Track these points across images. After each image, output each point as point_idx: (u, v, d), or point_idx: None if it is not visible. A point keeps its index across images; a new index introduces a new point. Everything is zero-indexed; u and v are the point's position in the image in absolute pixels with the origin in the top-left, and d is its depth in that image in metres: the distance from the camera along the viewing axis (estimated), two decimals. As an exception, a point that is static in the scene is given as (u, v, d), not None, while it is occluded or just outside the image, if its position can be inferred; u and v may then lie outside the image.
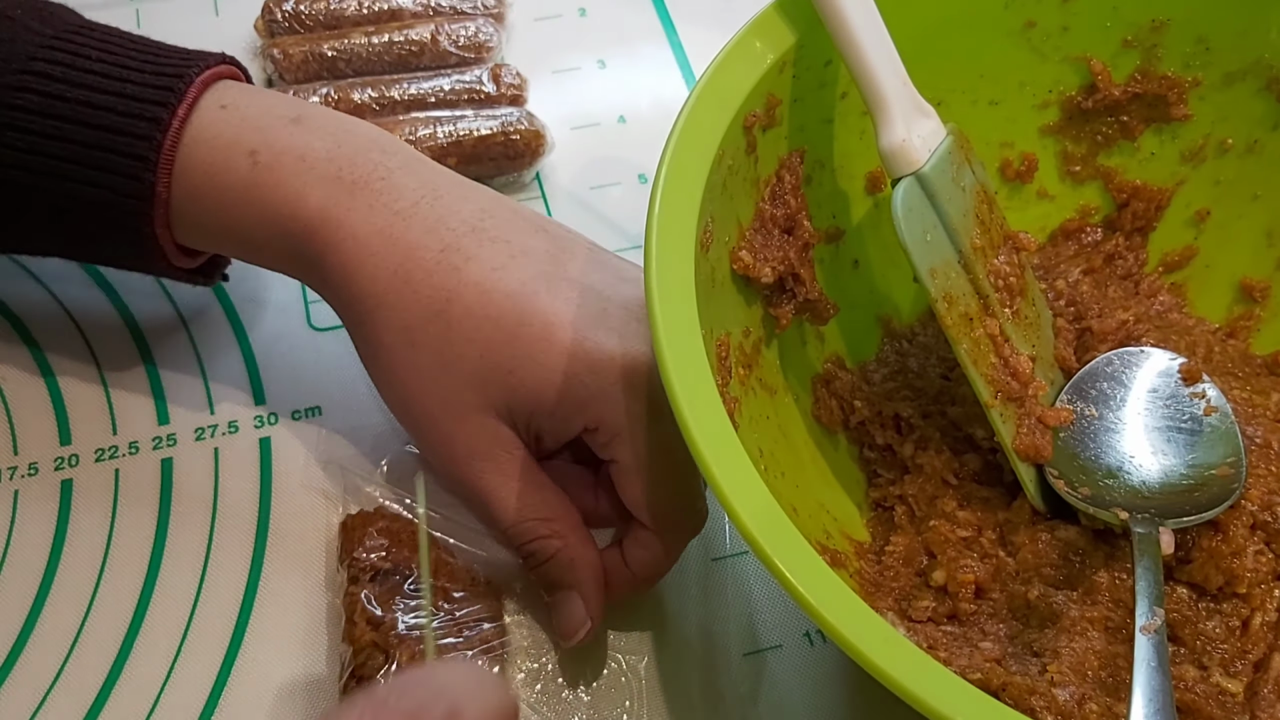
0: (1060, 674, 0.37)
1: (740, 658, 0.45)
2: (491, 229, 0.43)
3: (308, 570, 0.46)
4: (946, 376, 0.47)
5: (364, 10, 0.61)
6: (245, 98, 0.45)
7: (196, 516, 0.47)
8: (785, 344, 0.46)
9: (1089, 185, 0.51)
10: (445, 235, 0.42)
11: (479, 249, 0.42)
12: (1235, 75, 0.48)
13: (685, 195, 0.38)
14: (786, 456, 0.43)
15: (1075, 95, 0.49)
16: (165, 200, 0.43)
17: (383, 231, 0.42)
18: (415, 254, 0.42)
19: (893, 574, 0.43)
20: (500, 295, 0.41)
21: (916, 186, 0.41)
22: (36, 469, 0.48)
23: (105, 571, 0.46)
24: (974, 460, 0.45)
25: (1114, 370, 0.45)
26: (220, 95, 0.45)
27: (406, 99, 0.57)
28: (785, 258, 0.43)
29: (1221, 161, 0.49)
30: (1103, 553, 0.42)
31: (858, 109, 0.45)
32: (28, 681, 0.43)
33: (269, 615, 0.45)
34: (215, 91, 0.45)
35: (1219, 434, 0.43)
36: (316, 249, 0.43)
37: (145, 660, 0.44)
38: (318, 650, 0.44)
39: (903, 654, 0.30)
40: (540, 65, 0.63)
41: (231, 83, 0.46)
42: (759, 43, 0.42)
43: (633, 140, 0.61)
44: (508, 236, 0.43)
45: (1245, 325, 0.49)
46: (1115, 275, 0.50)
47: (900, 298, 0.50)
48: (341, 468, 0.48)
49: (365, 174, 0.43)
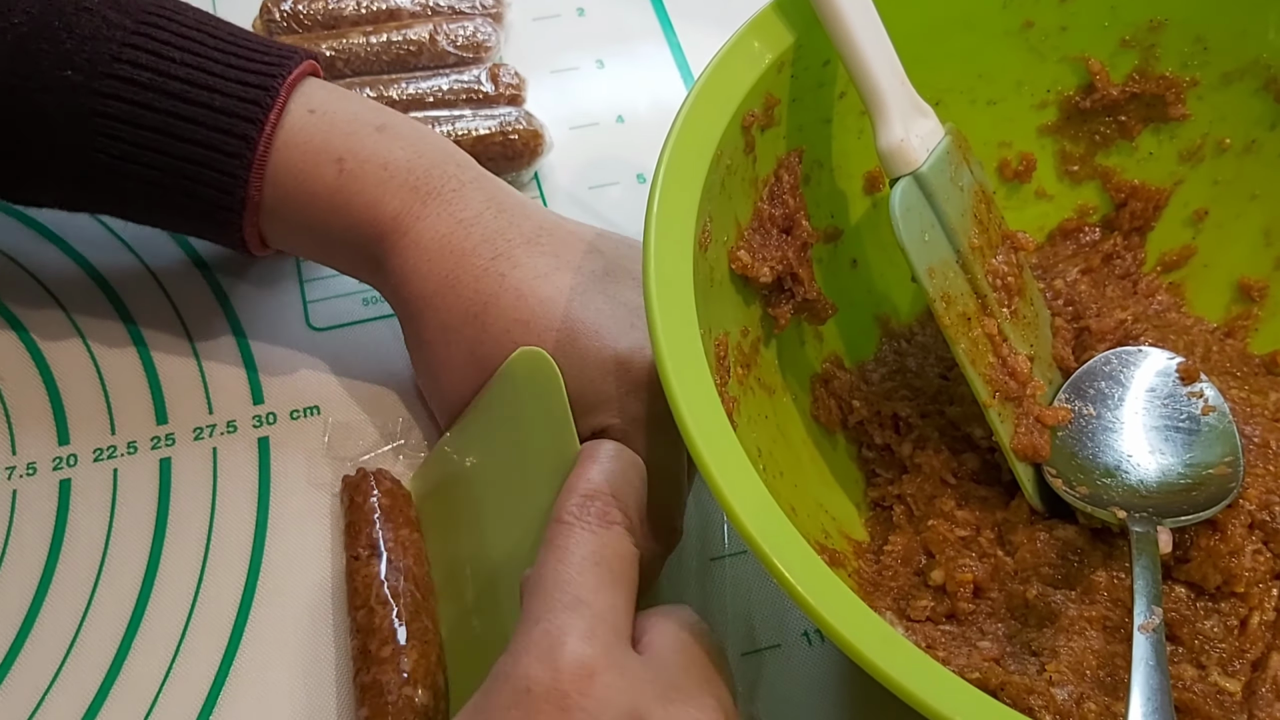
0: (1058, 673, 0.37)
1: (739, 657, 0.45)
2: (546, 243, 0.44)
3: (306, 569, 0.46)
4: (945, 376, 0.47)
5: (362, 10, 0.61)
6: (332, 101, 0.46)
7: (195, 516, 0.48)
8: (784, 343, 0.46)
9: (1087, 185, 0.51)
10: (500, 245, 0.44)
11: (528, 258, 0.43)
12: (1233, 75, 0.48)
13: (683, 195, 0.38)
14: (785, 456, 0.43)
15: (1073, 95, 0.49)
16: (256, 204, 0.45)
17: (444, 238, 0.44)
18: (467, 260, 0.43)
19: (891, 573, 0.43)
20: (535, 300, 0.43)
21: (914, 186, 0.41)
22: (35, 469, 0.48)
23: (104, 571, 0.46)
24: (972, 460, 0.45)
25: (1112, 369, 0.45)
26: (308, 98, 0.46)
27: (405, 99, 0.57)
28: (783, 257, 0.43)
29: (1219, 161, 0.49)
30: (1101, 552, 0.42)
31: (856, 109, 0.45)
32: (26, 681, 0.43)
33: (267, 614, 0.45)
34: (302, 94, 0.46)
35: (1217, 433, 0.43)
36: (383, 251, 0.45)
37: (143, 660, 0.44)
38: (317, 649, 0.44)
39: (901, 653, 0.30)
40: (539, 65, 0.63)
41: (316, 81, 0.47)
42: (757, 42, 0.42)
43: (631, 140, 0.61)
44: (558, 251, 0.44)
45: (1243, 325, 0.49)
46: (1113, 275, 0.50)
47: (899, 297, 0.50)
48: (341, 466, 0.48)
49: (439, 185, 0.45)
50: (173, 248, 0.55)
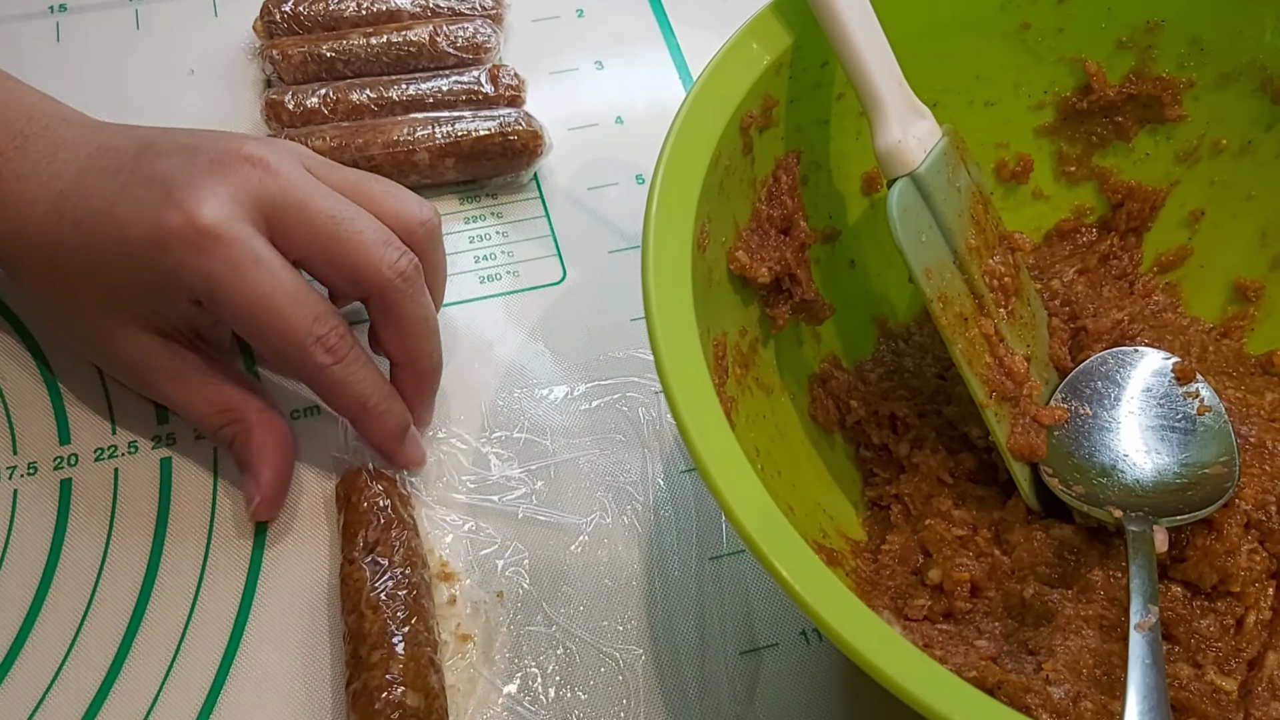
0: (1055, 672, 0.37)
1: (736, 656, 0.45)
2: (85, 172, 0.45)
3: (306, 570, 0.46)
4: (942, 376, 0.48)
5: (362, 11, 0.61)
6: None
7: (195, 516, 0.48)
8: (782, 343, 0.46)
9: (1084, 186, 0.51)
10: (54, 184, 0.45)
11: (77, 187, 0.44)
12: (1229, 76, 0.48)
13: (682, 196, 0.38)
14: (783, 455, 0.43)
15: (1070, 96, 0.49)
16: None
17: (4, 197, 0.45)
18: (26, 212, 0.45)
19: (889, 573, 0.43)
20: (88, 226, 0.44)
21: (912, 187, 0.41)
22: (36, 468, 0.48)
23: (104, 571, 0.46)
24: (969, 459, 0.45)
25: (1108, 369, 0.45)
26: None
27: (405, 100, 0.58)
28: (782, 258, 0.43)
29: (1216, 162, 0.49)
30: (1098, 551, 0.42)
31: (854, 110, 0.45)
32: (26, 680, 0.43)
33: (268, 614, 0.45)
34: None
35: (1212, 433, 0.43)
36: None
37: (144, 659, 0.44)
38: (317, 650, 0.45)
39: (899, 652, 0.30)
40: (538, 66, 0.63)
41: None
42: (756, 44, 0.42)
43: (630, 141, 0.61)
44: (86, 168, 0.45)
45: (1239, 325, 0.50)
46: (1110, 275, 0.50)
47: (896, 297, 0.50)
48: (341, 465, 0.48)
49: None
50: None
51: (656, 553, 0.48)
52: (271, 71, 0.59)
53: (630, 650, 0.45)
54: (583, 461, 0.50)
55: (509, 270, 0.56)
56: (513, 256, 0.56)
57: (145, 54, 0.63)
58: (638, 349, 0.53)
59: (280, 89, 0.58)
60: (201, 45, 0.63)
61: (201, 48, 0.63)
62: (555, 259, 0.56)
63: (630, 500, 0.49)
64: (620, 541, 0.48)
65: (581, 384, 0.52)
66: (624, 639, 0.45)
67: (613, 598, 0.46)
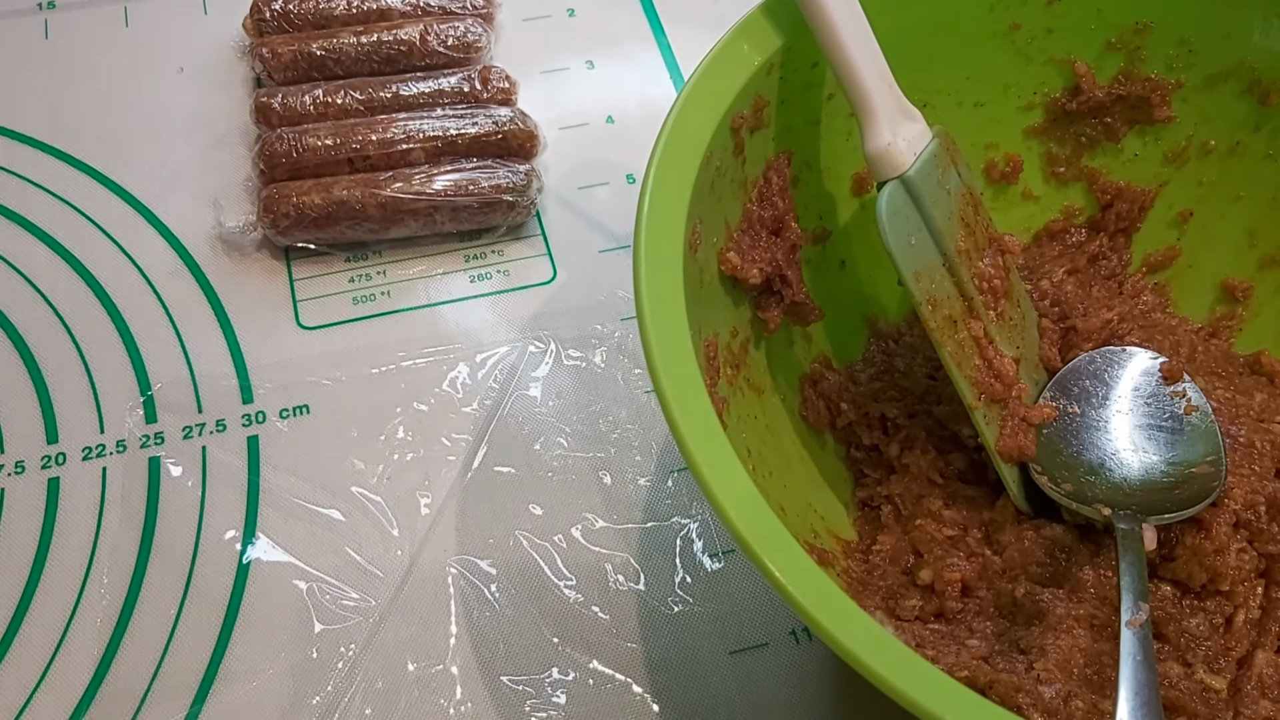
0: (1046, 671, 0.37)
1: (727, 655, 0.45)
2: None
3: (296, 569, 0.46)
4: (932, 376, 0.48)
5: (352, 10, 0.61)
6: None
7: (183, 515, 0.47)
8: (773, 344, 0.46)
9: (1073, 186, 0.51)
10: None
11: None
12: (1218, 77, 0.48)
13: (673, 196, 0.38)
14: (774, 456, 0.43)
15: (1059, 97, 0.49)
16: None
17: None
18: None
19: (880, 573, 0.43)
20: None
21: (901, 190, 0.41)
22: (23, 467, 0.48)
23: (92, 569, 0.46)
24: (959, 459, 0.45)
25: (1097, 368, 0.46)
26: None
27: (396, 99, 0.57)
28: (773, 259, 0.43)
29: (1204, 163, 0.50)
30: (1088, 550, 0.42)
31: (844, 111, 0.45)
32: (13, 679, 0.43)
33: (257, 613, 0.45)
34: None
35: (1199, 433, 0.43)
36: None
37: (131, 658, 0.44)
38: (306, 649, 0.45)
39: (891, 651, 0.30)
40: (529, 65, 0.63)
41: None
42: (746, 45, 0.42)
43: (621, 141, 0.61)
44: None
45: (1228, 325, 0.50)
46: (1099, 275, 0.50)
47: (887, 298, 0.50)
48: (330, 467, 0.48)
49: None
50: (162, 246, 0.55)
51: (646, 552, 0.48)
52: (261, 70, 0.59)
53: (620, 650, 0.45)
54: (571, 461, 0.50)
55: (499, 269, 0.56)
56: (503, 255, 0.56)
57: (134, 51, 0.62)
58: (628, 349, 0.53)
59: (269, 91, 0.58)
60: (191, 43, 0.63)
61: (191, 45, 0.63)
62: (546, 258, 0.56)
63: (620, 500, 0.49)
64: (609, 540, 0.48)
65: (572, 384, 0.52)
66: (615, 639, 0.45)
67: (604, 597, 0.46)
